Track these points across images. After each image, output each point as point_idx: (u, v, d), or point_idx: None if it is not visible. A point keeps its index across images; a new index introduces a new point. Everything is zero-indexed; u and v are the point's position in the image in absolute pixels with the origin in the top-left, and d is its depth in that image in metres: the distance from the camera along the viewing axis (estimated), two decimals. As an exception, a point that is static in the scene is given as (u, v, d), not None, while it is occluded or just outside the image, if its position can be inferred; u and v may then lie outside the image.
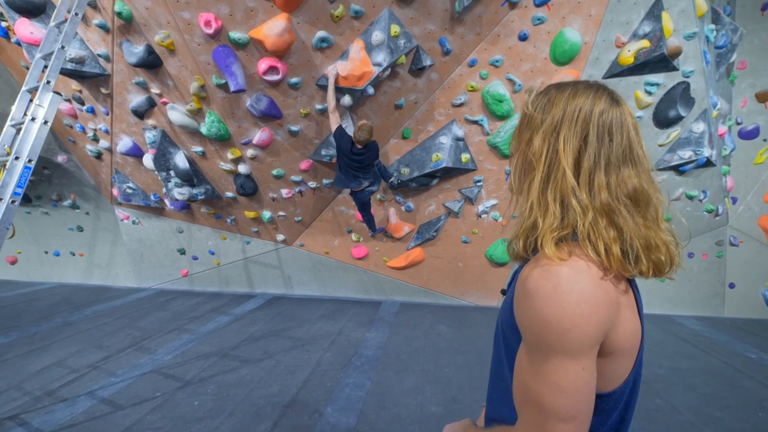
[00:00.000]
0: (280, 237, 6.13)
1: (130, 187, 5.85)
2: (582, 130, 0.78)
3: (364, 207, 4.92)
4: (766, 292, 5.62)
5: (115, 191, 6.02)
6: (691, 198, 5.27)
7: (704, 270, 5.86)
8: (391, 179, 4.88)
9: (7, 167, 2.82)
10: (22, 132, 2.90)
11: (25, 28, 4.04)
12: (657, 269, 0.79)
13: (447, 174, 5.12)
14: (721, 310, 5.94)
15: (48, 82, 3.04)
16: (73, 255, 7.28)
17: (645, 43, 4.15)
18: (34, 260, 7.55)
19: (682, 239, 4.91)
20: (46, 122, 2.98)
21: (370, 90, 4.21)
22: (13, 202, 2.78)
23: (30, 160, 2.89)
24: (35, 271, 7.60)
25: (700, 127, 4.75)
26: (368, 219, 5.13)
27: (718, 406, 3.35)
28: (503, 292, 0.99)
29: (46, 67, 3.22)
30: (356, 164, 4.32)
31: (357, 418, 3.09)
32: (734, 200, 5.75)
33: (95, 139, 5.37)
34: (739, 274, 5.83)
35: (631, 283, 0.80)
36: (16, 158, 2.84)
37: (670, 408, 3.31)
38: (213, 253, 6.58)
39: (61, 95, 3.49)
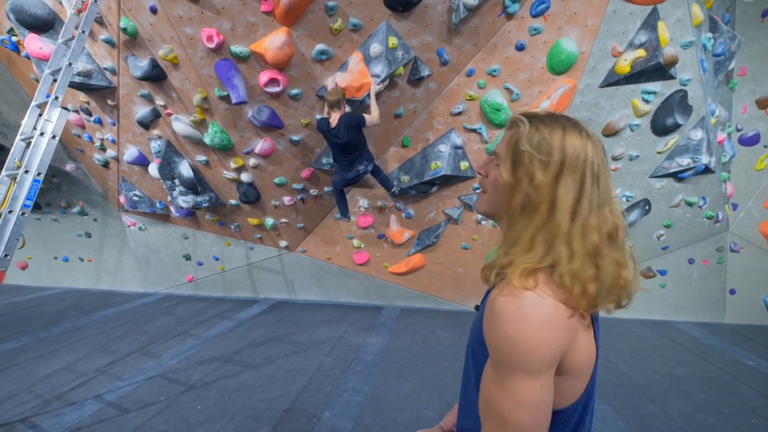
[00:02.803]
0: (283, 243, 6.22)
1: (136, 195, 5.98)
2: (581, 177, 0.81)
3: (347, 183, 4.65)
4: (767, 298, 5.61)
5: (122, 198, 6.15)
6: (690, 204, 5.29)
7: (705, 276, 5.86)
8: (393, 189, 4.93)
9: (17, 180, 2.93)
10: (31, 146, 3.02)
11: (34, 43, 4.18)
12: (615, 305, 0.85)
13: (446, 181, 5.17)
14: (721, 316, 5.93)
15: (56, 98, 3.15)
16: (82, 261, 7.44)
17: (641, 53, 4.18)
18: (43, 266, 7.72)
19: (682, 245, 4.87)
20: (54, 137, 3.09)
21: (368, 101, 4.29)
22: (23, 214, 2.89)
23: (39, 174, 2.99)
24: (45, 276, 7.77)
25: (698, 134, 4.77)
26: (342, 201, 4.93)
27: (711, 413, 3.38)
28: (477, 308, 1.06)
29: (55, 81, 3.34)
30: (341, 144, 4.21)
31: (354, 423, 3.16)
32: (734, 206, 5.74)
33: (102, 149, 5.51)
34: (740, 280, 5.82)
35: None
36: (26, 172, 2.95)
37: (663, 414, 3.35)
38: (217, 259, 6.69)
39: (68, 110, 3.61)
